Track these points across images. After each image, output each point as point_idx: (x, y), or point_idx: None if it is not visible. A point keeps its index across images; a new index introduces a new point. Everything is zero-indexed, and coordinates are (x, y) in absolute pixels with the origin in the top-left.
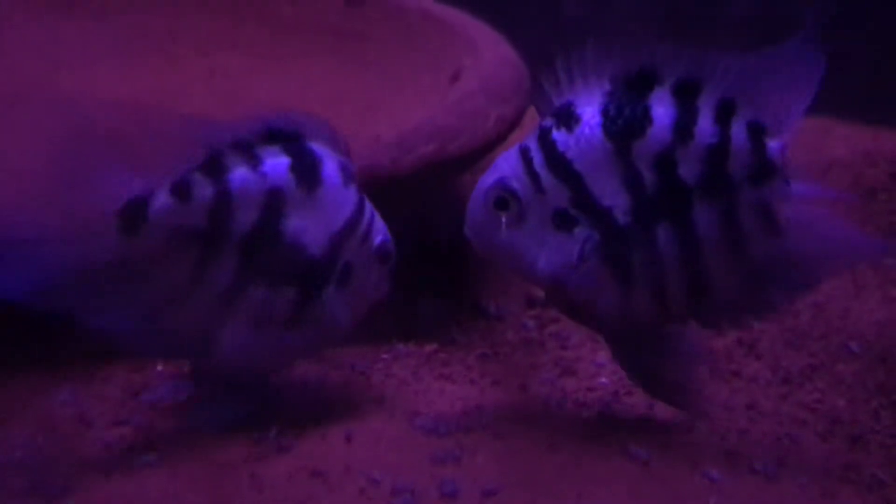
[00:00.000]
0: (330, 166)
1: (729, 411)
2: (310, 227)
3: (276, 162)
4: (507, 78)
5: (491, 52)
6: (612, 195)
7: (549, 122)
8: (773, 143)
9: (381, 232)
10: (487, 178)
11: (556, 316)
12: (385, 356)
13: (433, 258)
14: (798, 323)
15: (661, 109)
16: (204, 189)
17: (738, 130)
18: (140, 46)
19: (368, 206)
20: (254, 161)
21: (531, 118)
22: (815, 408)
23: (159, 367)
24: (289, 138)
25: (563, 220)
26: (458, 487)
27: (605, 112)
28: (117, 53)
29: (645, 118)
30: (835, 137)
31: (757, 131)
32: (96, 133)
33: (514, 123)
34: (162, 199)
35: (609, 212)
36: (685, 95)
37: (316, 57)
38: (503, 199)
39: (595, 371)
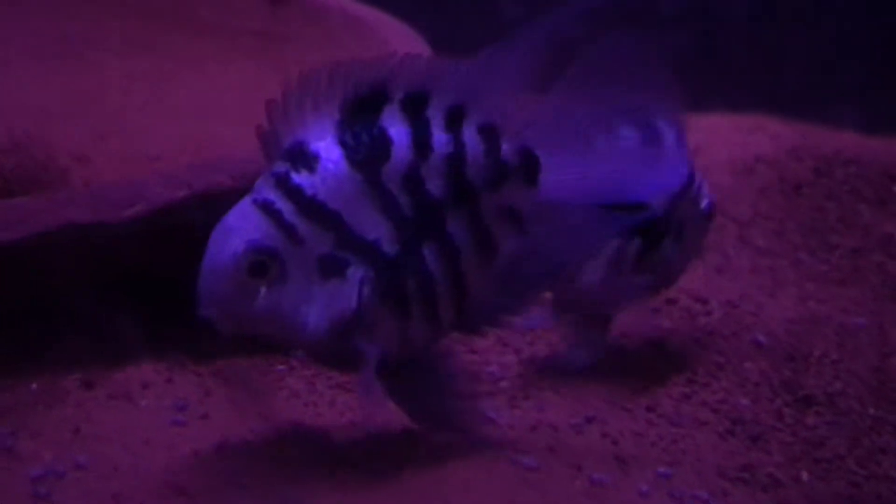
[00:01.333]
0: (666, 133)
1: (628, 412)
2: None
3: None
4: None
5: (403, 49)
6: (375, 227)
7: (282, 167)
8: (507, 146)
9: (707, 195)
10: (226, 247)
11: None
12: (280, 367)
13: None
14: (709, 321)
15: (395, 128)
16: None
17: (470, 136)
18: (56, 50)
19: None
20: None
21: None
22: (717, 408)
23: None
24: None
25: (331, 266)
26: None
27: (342, 143)
28: (33, 56)
29: (384, 140)
30: (763, 134)
31: (490, 134)
32: None
33: None
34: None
35: (376, 245)
36: (414, 109)
37: (235, 60)
38: (260, 263)
39: (499, 374)
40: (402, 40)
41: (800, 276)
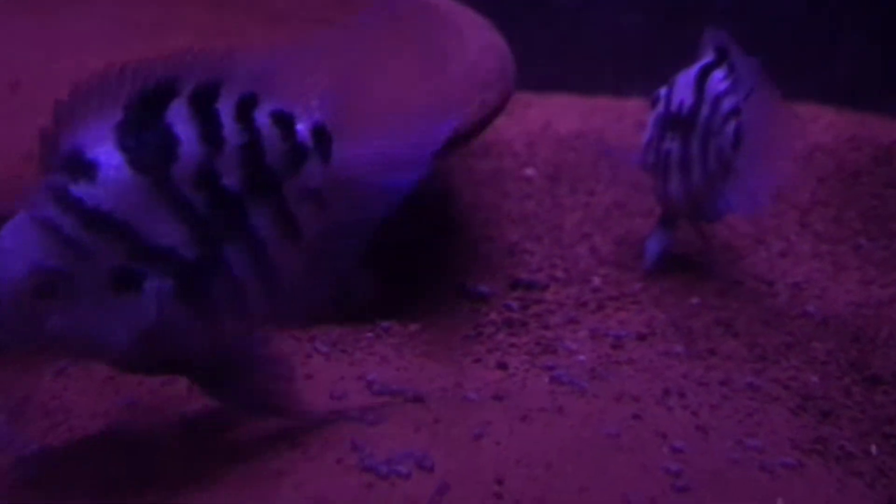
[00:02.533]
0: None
1: (704, 386)
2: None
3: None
4: (491, 64)
5: (476, 38)
6: (170, 232)
7: (58, 179)
8: (301, 126)
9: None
10: (7, 272)
11: (539, 297)
12: (369, 335)
13: (415, 241)
14: (776, 302)
15: (182, 124)
16: None
17: (263, 123)
18: (127, 37)
19: None
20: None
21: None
22: (788, 384)
23: None
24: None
25: (125, 280)
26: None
27: (123, 147)
28: (105, 42)
29: (169, 138)
30: (820, 124)
31: (282, 119)
32: None
33: (498, 108)
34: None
35: (173, 251)
36: (203, 102)
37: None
38: (48, 284)
39: (575, 349)
40: (475, 29)
41: (861, 261)
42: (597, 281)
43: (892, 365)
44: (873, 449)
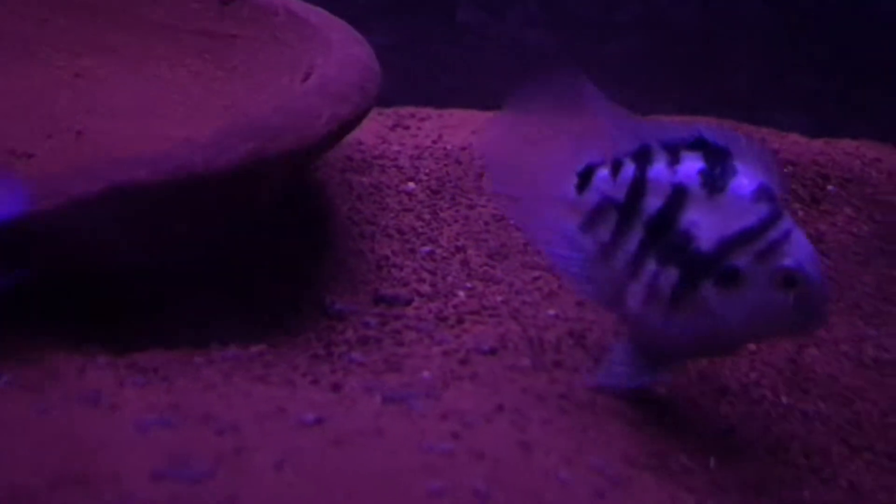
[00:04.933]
0: (742, 182)
1: (542, 400)
2: (704, 224)
3: (691, 166)
4: (350, 78)
5: (342, 52)
6: None
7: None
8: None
9: (793, 258)
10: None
11: (400, 313)
12: (198, 359)
13: (273, 257)
14: None
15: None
16: (628, 171)
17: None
18: (5, 46)
19: (788, 230)
20: (674, 161)
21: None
22: (632, 396)
23: None
24: (715, 150)
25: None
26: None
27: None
28: None
29: None
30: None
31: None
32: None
33: (349, 123)
34: (603, 171)
35: None
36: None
37: (183, 59)
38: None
39: (422, 366)
40: (344, 41)
41: None
42: (461, 295)
43: (742, 375)
44: (712, 462)
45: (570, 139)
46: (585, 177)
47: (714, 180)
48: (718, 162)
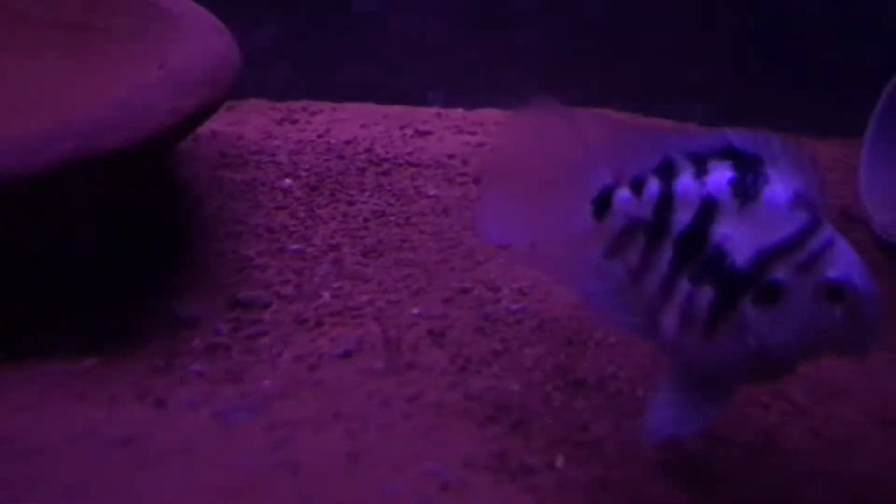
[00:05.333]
0: (777, 190)
1: (385, 405)
2: (738, 237)
3: (720, 176)
4: (199, 70)
5: (195, 43)
6: None
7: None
8: None
9: (838, 269)
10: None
11: (256, 317)
12: (13, 376)
13: (121, 261)
14: (496, 309)
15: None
16: (653, 188)
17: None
18: None
19: (830, 239)
20: (702, 172)
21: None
22: (482, 395)
23: None
24: (745, 158)
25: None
26: None
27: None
28: None
29: None
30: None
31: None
32: (586, 137)
33: (195, 117)
34: (624, 192)
35: None
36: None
37: (42, 52)
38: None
39: (265, 375)
40: (201, 31)
41: None
42: (326, 296)
43: (599, 369)
44: (559, 461)
45: (566, 167)
46: (602, 202)
47: (746, 190)
48: (750, 170)
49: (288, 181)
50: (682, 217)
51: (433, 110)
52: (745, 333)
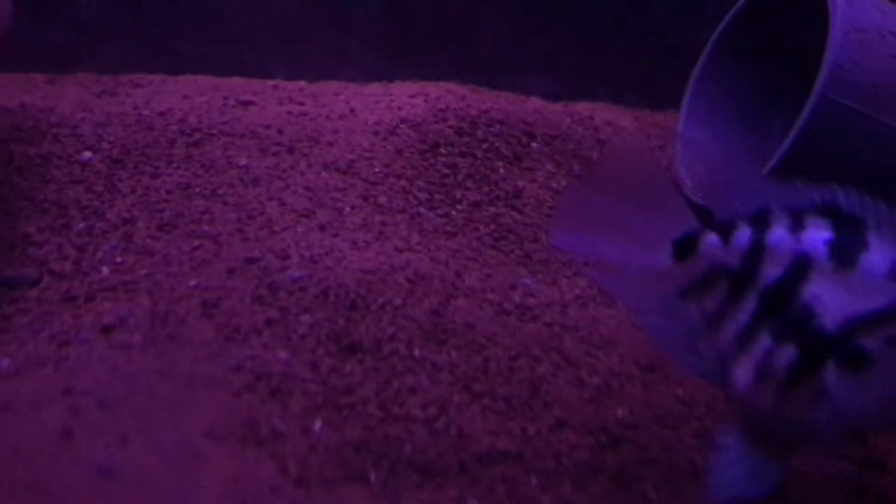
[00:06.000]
0: (875, 259)
1: (130, 381)
2: (829, 300)
3: (817, 234)
4: None
5: None
6: None
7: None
8: None
9: None
10: None
11: (19, 296)
12: None
13: None
14: (282, 277)
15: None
16: (743, 236)
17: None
18: None
19: None
20: (798, 227)
21: None
22: (243, 364)
23: None
24: (846, 219)
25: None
26: None
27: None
28: None
29: None
30: (421, 99)
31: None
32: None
33: None
34: (711, 236)
35: None
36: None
37: None
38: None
39: (5, 353)
40: None
41: (410, 229)
42: (105, 271)
43: (378, 332)
44: (317, 425)
45: (653, 202)
46: (685, 245)
47: (844, 253)
48: (850, 232)
49: (88, 154)
50: (772, 271)
51: (270, 82)
52: (825, 397)
